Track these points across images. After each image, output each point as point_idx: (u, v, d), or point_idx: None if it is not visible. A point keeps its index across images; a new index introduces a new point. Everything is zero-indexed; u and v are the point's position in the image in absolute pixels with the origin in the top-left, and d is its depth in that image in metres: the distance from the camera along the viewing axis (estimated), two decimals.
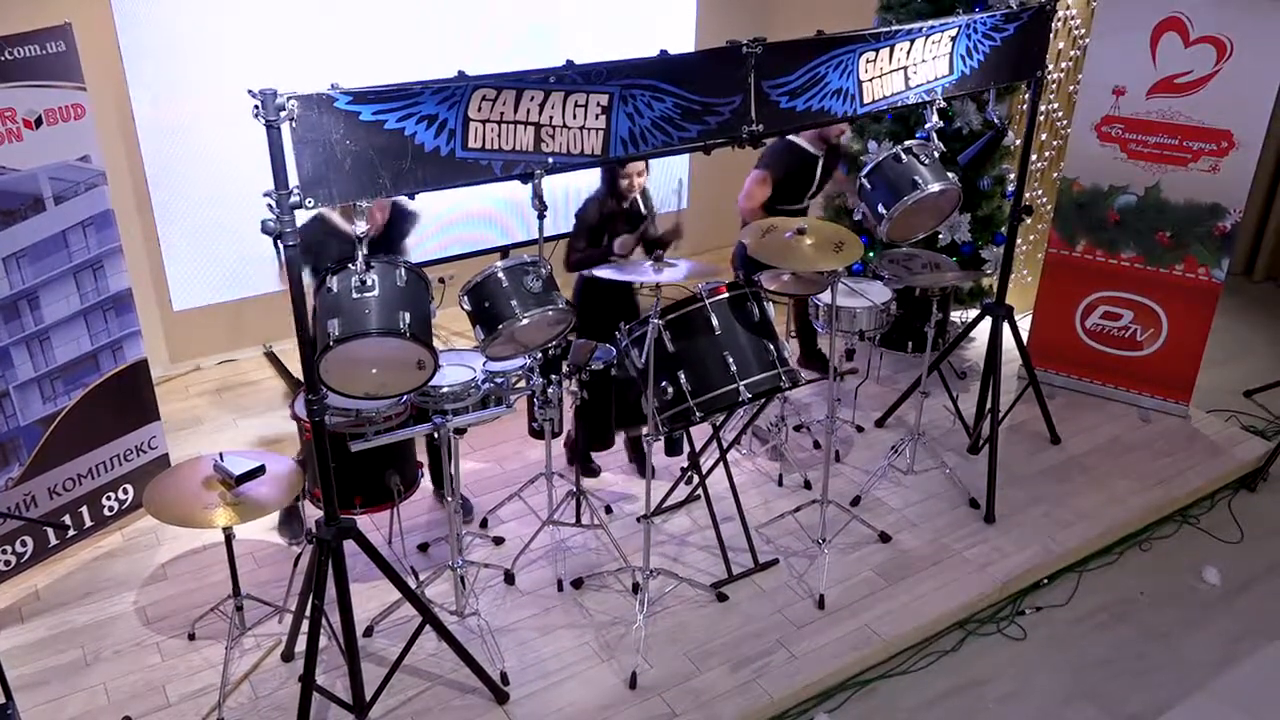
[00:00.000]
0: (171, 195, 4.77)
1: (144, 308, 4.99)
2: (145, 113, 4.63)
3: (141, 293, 4.89)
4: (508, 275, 3.21)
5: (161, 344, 5.47)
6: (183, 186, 4.75)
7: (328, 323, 2.90)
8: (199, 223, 4.83)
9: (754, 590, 4.15)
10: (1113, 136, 5.09)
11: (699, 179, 6.16)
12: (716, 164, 3.85)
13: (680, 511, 4.60)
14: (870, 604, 4.09)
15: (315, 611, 3.15)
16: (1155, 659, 4.03)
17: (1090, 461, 5.04)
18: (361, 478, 3.67)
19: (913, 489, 4.80)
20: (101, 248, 3.98)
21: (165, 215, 4.81)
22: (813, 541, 4.32)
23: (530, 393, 4.00)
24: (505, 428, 5.04)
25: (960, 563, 4.32)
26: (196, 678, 3.67)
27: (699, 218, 5.52)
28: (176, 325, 5.42)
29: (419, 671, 3.73)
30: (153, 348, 5.32)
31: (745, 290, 3.77)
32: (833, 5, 5.08)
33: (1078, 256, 5.35)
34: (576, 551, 4.34)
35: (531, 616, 4.00)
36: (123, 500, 4.35)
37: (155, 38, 4.55)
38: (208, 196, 4.76)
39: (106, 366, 4.13)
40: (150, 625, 3.93)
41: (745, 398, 3.65)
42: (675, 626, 3.96)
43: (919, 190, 3.87)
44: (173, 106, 4.60)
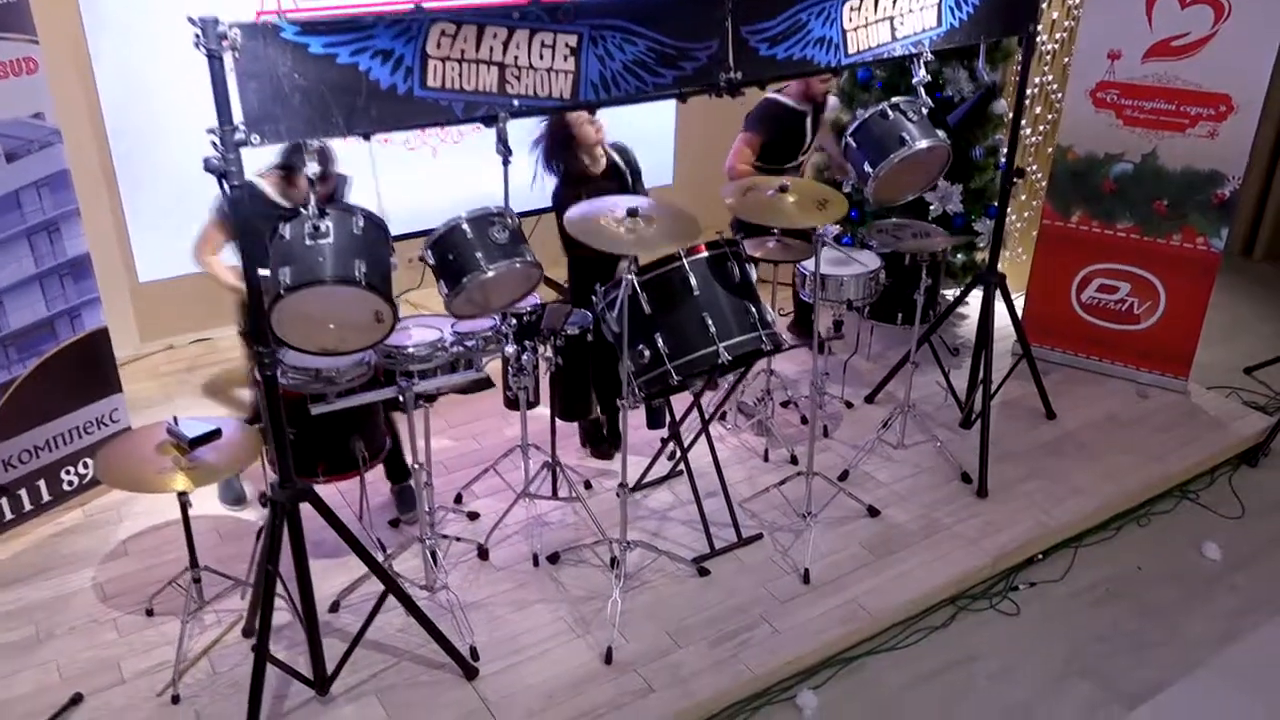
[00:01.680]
0: (135, 158, 4.60)
1: (111, 280, 4.85)
2: (107, 71, 4.46)
3: (107, 264, 4.74)
4: (472, 226, 3.06)
5: (130, 321, 5.31)
6: (147, 150, 4.57)
7: (279, 271, 2.76)
8: (165, 188, 4.66)
9: (736, 565, 4.00)
10: (1108, 103, 4.94)
11: (684, 155, 6.02)
12: (703, 139, 3.71)
13: (662, 487, 4.45)
14: (857, 578, 3.94)
15: (268, 577, 2.99)
16: (1153, 635, 3.87)
17: (1086, 437, 4.89)
18: (324, 444, 3.52)
19: (902, 464, 4.65)
20: (57, 210, 3.83)
21: (130, 180, 4.64)
22: (798, 515, 4.17)
23: (504, 359, 3.86)
24: (482, 404, 4.90)
25: (951, 537, 4.17)
26: (153, 654, 3.52)
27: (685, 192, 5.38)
28: (147, 301, 5.26)
29: (385, 647, 3.58)
30: (121, 325, 5.18)
31: (725, 249, 3.62)
32: None
33: (1073, 228, 5.20)
34: (554, 527, 4.19)
35: (504, 592, 3.84)
36: (83, 475, 4.20)
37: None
38: (175, 160, 4.59)
39: (64, 335, 3.98)
40: (108, 602, 3.78)
41: (725, 360, 3.49)
42: (654, 601, 3.80)
43: (906, 147, 3.73)
44: (135, 64, 4.45)
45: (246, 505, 4.23)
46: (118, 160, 4.56)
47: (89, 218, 4.17)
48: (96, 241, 4.42)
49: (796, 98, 4.73)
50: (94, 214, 4.57)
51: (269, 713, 3.28)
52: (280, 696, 3.36)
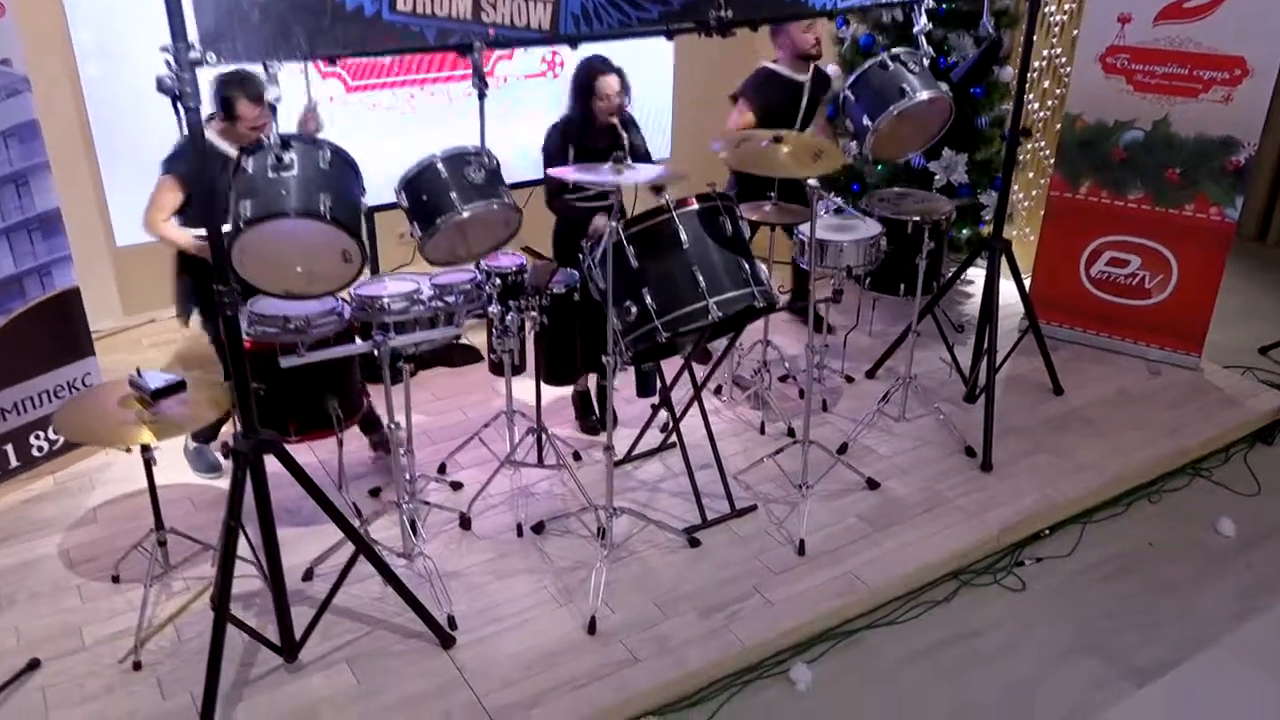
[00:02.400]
0: (112, 117, 4.43)
1: (91, 249, 4.72)
2: (83, 27, 4.32)
3: (86, 229, 4.61)
4: (447, 165, 2.93)
5: (113, 292, 5.18)
6: (124, 108, 4.39)
7: (240, 204, 2.62)
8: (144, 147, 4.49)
9: (729, 536, 3.84)
10: (1118, 68, 4.78)
11: (681, 125, 5.87)
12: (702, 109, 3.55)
13: (653, 459, 4.29)
14: (855, 550, 3.77)
15: (229, 532, 2.84)
16: (1164, 612, 3.69)
17: (1095, 413, 4.71)
18: (296, 401, 3.37)
19: (904, 437, 4.48)
20: (26, 162, 3.70)
21: (106, 139, 4.48)
22: (794, 487, 4.01)
23: (488, 321, 3.72)
24: (471, 376, 4.75)
25: (954, 510, 4.00)
26: (116, 620, 3.37)
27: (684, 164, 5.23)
28: (128, 270, 5.12)
29: (359, 616, 3.42)
30: (103, 297, 5.05)
31: (716, 202, 3.47)
32: None
33: (1081, 199, 5.04)
34: (540, 497, 4.03)
35: (486, 561, 3.69)
36: (53, 441, 4.06)
37: None
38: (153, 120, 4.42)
39: (33, 293, 3.84)
40: (74, 568, 3.64)
41: (715, 316, 3.34)
42: (641, 572, 3.64)
43: (906, 99, 3.59)
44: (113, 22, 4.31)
45: (222, 473, 4.09)
46: (94, 119, 4.42)
47: (64, 178, 4.04)
48: (74, 203, 4.31)
49: (789, 63, 4.57)
50: (71, 174, 4.44)
51: (234, 680, 3.14)
52: (247, 664, 3.21)
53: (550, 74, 5.09)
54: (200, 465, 4.09)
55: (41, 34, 4.21)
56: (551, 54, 5.07)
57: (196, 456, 4.10)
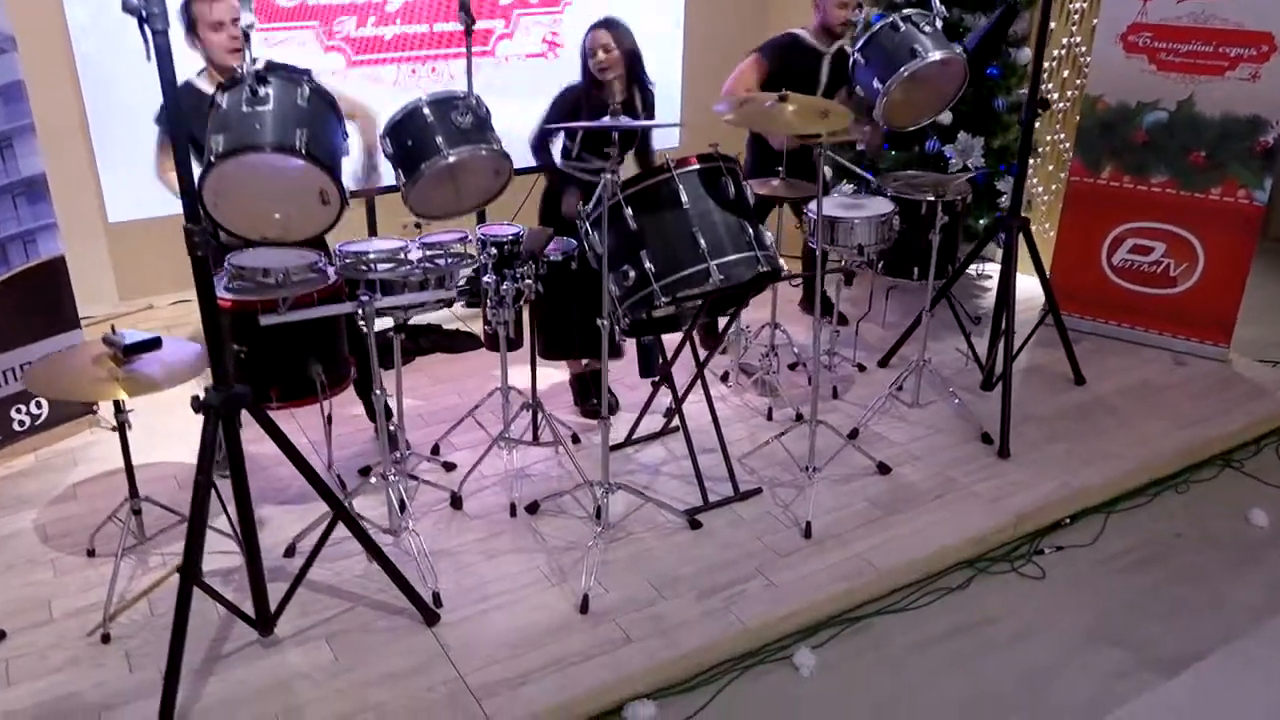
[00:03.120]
0: (105, 81, 4.32)
1: (84, 227, 4.61)
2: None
3: (79, 206, 4.50)
4: (433, 110, 2.80)
5: (109, 276, 5.08)
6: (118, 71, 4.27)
7: (212, 139, 2.49)
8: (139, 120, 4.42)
9: (732, 518, 3.66)
10: (1140, 46, 4.63)
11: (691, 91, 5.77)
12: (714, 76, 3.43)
13: (654, 442, 4.12)
14: (864, 534, 3.58)
15: (199, 489, 2.69)
16: (1192, 602, 3.48)
17: (1118, 402, 4.51)
18: (278, 365, 3.23)
19: (917, 424, 4.30)
20: (10, 123, 3.60)
21: (99, 109, 4.39)
22: (801, 470, 3.83)
23: (482, 291, 3.59)
24: (470, 362, 4.62)
25: (969, 496, 3.81)
26: (89, 594, 3.22)
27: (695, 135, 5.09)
28: (125, 255, 5.02)
29: (341, 592, 3.26)
30: (97, 281, 4.96)
31: (719, 163, 3.33)
32: None
33: (1103, 184, 4.87)
34: (535, 479, 3.87)
35: (476, 540, 3.52)
36: (35, 415, 3.94)
37: None
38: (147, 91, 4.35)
39: (16, 260, 3.74)
40: (48, 542, 3.50)
41: (717, 279, 3.19)
42: (639, 553, 3.47)
43: (918, 59, 3.45)
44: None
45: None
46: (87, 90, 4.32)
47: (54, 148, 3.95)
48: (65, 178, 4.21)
49: (816, 33, 4.44)
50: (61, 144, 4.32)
51: (206, 655, 2.98)
52: (220, 639, 3.05)
53: (551, 54, 4.98)
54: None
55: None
56: (552, 34, 4.96)
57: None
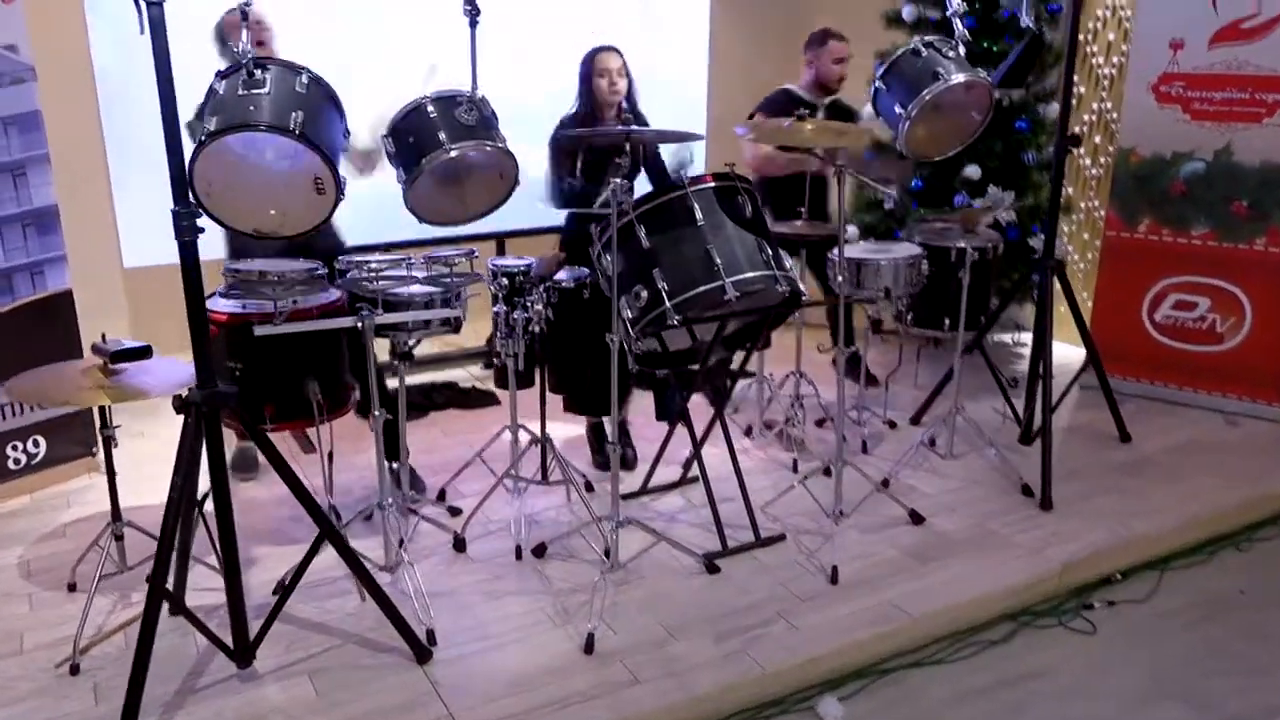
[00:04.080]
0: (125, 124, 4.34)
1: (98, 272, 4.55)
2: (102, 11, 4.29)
3: (94, 251, 4.45)
4: (437, 106, 2.72)
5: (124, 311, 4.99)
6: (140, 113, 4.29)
7: (205, 121, 2.42)
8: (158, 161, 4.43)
9: (753, 564, 3.42)
10: (1173, 96, 4.53)
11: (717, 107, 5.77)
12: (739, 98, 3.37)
13: (672, 492, 3.91)
14: (896, 582, 3.32)
15: (175, 491, 2.52)
16: (1259, 660, 3.16)
17: (1167, 459, 4.24)
18: (273, 382, 3.08)
19: (951, 476, 4.05)
20: (25, 152, 3.60)
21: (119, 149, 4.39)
22: (827, 517, 3.59)
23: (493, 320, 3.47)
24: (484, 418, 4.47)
25: (1009, 546, 3.54)
26: (63, 628, 3.02)
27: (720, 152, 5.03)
28: (143, 312, 4.97)
29: (330, 629, 3.04)
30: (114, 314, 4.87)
31: (735, 182, 3.22)
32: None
33: (1140, 238, 4.70)
34: (544, 525, 3.65)
35: (477, 582, 3.30)
36: (32, 454, 3.81)
37: None
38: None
39: (22, 291, 3.68)
40: (30, 578, 3.33)
41: (732, 296, 3.04)
42: (651, 595, 3.23)
43: (941, 82, 3.35)
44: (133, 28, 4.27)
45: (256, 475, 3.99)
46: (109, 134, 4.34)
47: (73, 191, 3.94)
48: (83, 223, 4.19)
49: (809, 88, 4.49)
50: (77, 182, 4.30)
51: (180, 687, 2.76)
52: (195, 672, 2.83)
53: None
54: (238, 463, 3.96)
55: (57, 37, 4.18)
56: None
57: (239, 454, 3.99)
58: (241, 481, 3.94)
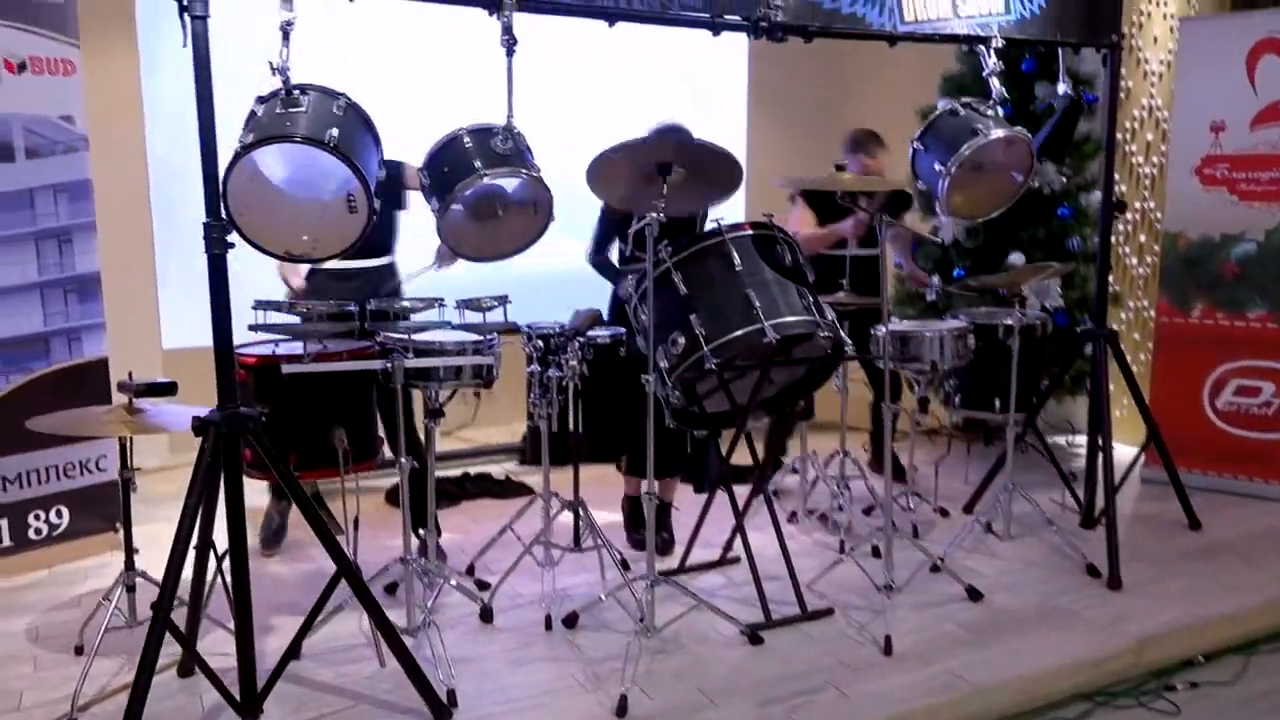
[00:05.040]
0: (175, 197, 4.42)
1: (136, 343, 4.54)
2: (157, 94, 4.40)
3: (133, 322, 4.44)
4: (472, 136, 2.72)
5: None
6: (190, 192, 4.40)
7: (243, 137, 2.43)
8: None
9: (799, 637, 3.18)
10: (1218, 178, 4.47)
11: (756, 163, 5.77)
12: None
13: (711, 571, 3.70)
14: (955, 653, 3.06)
15: (186, 513, 2.40)
16: None
17: (1244, 546, 3.96)
18: (299, 428, 2.99)
19: (1010, 558, 3.80)
20: (73, 220, 3.66)
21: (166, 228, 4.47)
22: (878, 592, 3.35)
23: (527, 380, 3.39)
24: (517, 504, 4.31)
25: (1078, 621, 3.28)
26: (64, 687, 2.83)
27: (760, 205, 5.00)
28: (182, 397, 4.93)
29: (345, 691, 2.85)
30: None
31: (774, 231, 3.17)
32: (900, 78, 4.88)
33: (1195, 323, 4.56)
34: (575, 599, 3.44)
35: (504, 650, 3.10)
36: (55, 525, 3.72)
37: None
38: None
39: (58, 356, 3.67)
40: (37, 642, 3.18)
41: (772, 338, 2.94)
42: (689, 663, 2.99)
43: (980, 137, 3.31)
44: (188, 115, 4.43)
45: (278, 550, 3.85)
46: (157, 212, 4.43)
47: (118, 265, 3.99)
48: (125, 294, 4.23)
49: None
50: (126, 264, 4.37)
51: None
52: None
53: None
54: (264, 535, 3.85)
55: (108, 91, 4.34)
56: None
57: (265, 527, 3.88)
58: (265, 556, 3.81)
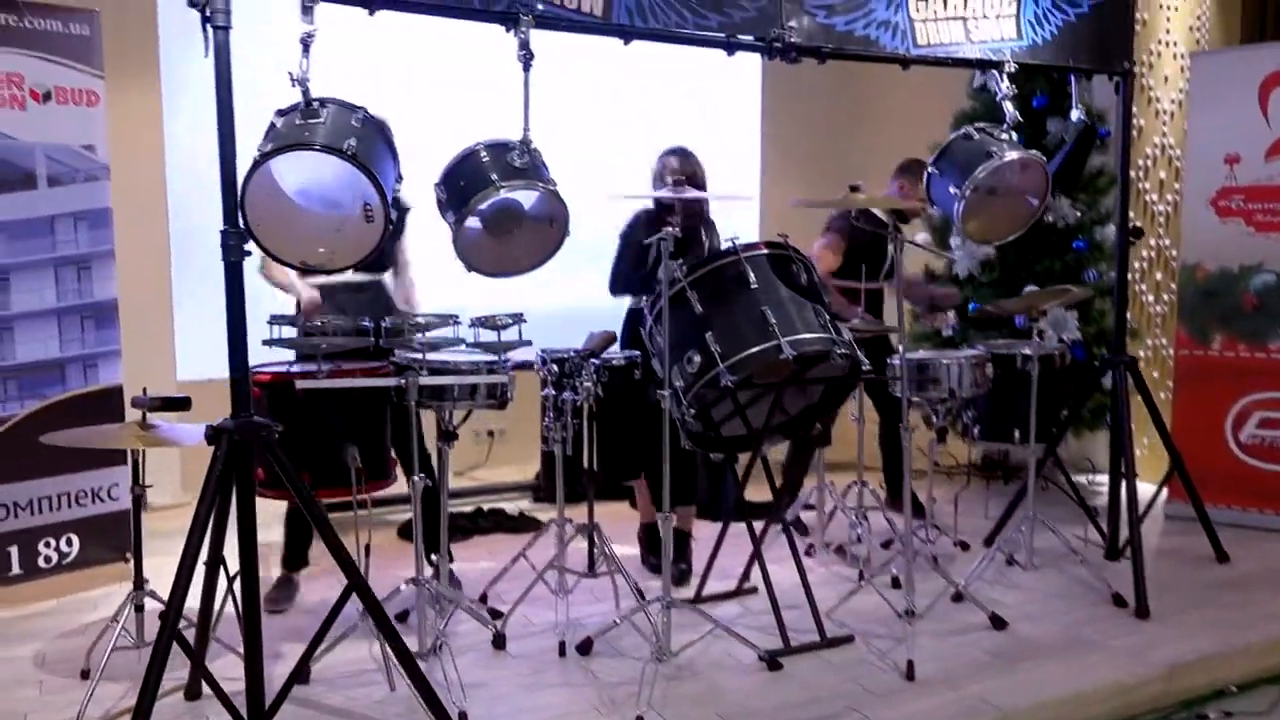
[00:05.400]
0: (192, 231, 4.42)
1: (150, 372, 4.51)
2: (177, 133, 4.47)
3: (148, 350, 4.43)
4: (489, 151, 2.74)
5: (175, 462, 4.95)
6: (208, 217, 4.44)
7: (262, 147, 2.45)
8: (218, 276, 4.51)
9: (819, 663, 3.10)
10: (1234, 210, 4.46)
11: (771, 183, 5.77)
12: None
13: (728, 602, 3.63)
14: (980, 678, 2.98)
15: (196, 521, 2.37)
16: None
17: (1274, 579, 3.87)
18: (312, 446, 2.96)
19: (1032, 589, 3.73)
20: (92, 247, 3.68)
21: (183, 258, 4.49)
22: (899, 618, 3.27)
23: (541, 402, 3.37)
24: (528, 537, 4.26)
25: (1105, 649, 3.19)
26: (70, 710, 2.79)
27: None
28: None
29: (353, 715, 2.78)
30: (165, 465, 4.81)
31: (790, 252, 3.17)
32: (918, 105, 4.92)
33: (1215, 355, 4.51)
34: (590, 627, 3.37)
35: (516, 675, 3.03)
36: (64, 553, 3.69)
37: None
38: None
39: (74, 382, 3.67)
40: (43, 668, 3.13)
41: (789, 354, 2.92)
42: (706, 689, 2.92)
43: (994, 159, 3.33)
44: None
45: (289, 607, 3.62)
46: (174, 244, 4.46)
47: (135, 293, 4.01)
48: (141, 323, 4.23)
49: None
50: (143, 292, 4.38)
51: None
52: None
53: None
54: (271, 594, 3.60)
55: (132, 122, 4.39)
56: None
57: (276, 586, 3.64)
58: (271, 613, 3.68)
